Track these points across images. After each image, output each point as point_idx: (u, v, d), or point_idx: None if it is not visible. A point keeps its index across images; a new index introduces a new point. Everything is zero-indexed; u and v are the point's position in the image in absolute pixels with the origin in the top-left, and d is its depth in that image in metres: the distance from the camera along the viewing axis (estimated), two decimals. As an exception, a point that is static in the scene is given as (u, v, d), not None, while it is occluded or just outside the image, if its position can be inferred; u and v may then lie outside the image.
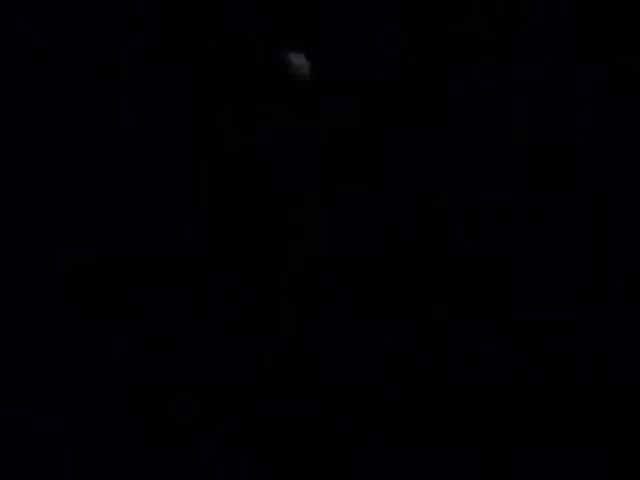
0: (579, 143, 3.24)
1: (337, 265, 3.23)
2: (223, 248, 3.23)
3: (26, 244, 3.20)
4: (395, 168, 3.26)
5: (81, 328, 3.16)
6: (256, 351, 3.17)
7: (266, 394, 3.15)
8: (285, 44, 3.24)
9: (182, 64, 3.28)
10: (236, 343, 3.18)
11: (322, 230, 3.25)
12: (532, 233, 3.23)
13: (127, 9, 3.27)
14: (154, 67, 3.28)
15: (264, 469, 3.10)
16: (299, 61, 2.85)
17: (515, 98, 3.25)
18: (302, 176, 3.27)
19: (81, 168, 3.25)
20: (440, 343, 3.19)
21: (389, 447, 3.12)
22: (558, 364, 3.17)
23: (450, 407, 3.15)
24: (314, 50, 3.28)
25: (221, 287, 3.21)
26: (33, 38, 3.25)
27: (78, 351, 3.14)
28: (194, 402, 3.13)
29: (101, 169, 3.26)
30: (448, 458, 3.11)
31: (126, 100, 3.27)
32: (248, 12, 3.28)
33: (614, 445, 3.11)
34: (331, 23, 3.28)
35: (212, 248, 3.23)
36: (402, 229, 3.24)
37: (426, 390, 3.16)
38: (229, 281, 3.22)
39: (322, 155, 3.27)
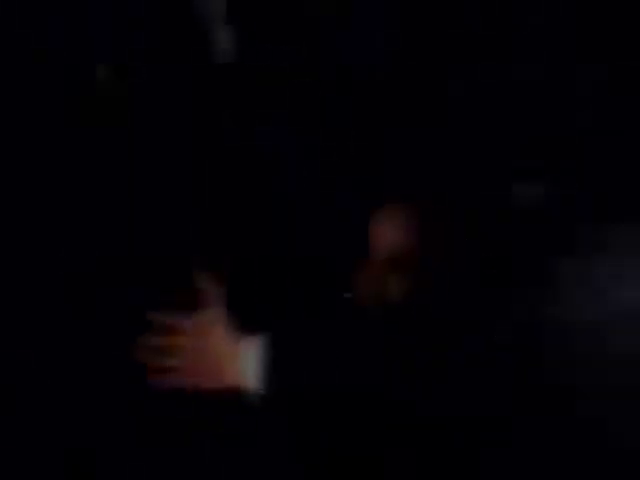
0: (579, 143, 3.24)
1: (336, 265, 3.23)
2: (223, 248, 3.23)
3: (26, 244, 3.20)
4: (395, 168, 3.27)
5: (81, 328, 3.16)
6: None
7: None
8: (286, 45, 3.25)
9: (182, 64, 3.28)
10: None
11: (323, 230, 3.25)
12: (532, 233, 3.23)
13: (127, 9, 3.27)
14: (154, 67, 3.28)
15: (264, 469, 3.10)
16: None
17: (515, 98, 3.26)
18: (302, 176, 3.27)
19: (81, 168, 3.25)
20: (440, 343, 3.19)
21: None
22: (558, 364, 3.17)
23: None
24: (314, 50, 3.28)
25: (220, 287, 3.21)
26: (33, 38, 3.25)
27: (78, 351, 3.15)
28: (194, 402, 3.13)
29: (101, 169, 3.26)
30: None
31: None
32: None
33: (614, 444, 3.11)
34: (331, 23, 3.28)
35: (212, 248, 3.23)
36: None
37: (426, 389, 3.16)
38: (229, 281, 3.21)
39: (322, 155, 3.27)
